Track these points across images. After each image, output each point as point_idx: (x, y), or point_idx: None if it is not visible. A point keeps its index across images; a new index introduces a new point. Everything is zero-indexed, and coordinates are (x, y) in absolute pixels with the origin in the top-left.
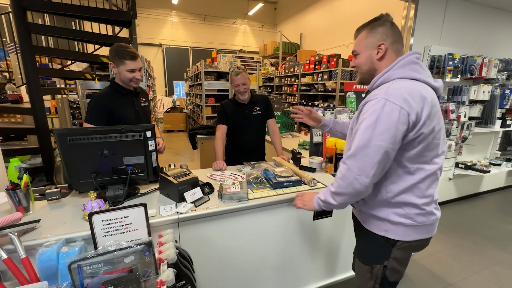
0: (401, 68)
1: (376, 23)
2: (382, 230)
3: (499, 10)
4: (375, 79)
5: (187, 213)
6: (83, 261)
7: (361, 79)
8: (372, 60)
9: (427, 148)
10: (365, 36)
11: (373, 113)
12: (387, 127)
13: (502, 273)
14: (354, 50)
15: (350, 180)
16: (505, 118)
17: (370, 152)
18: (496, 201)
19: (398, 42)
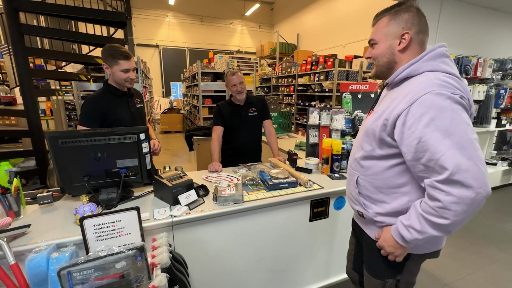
0: (432, 60)
1: (401, 9)
2: None
3: (493, 10)
4: (400, 70)
5: (181, 216)
6: (73, 267)
7: (377, 72)
8: (392, 51)
9: None
10: (387, 23)
11: (440, 108)
12: (465, 117)
13: (499, 272)
14: (371, 39)
15: (471, 199)
16: (500, 118)
17: (471, 149)
18: (492, 200)
19: (424, 32)
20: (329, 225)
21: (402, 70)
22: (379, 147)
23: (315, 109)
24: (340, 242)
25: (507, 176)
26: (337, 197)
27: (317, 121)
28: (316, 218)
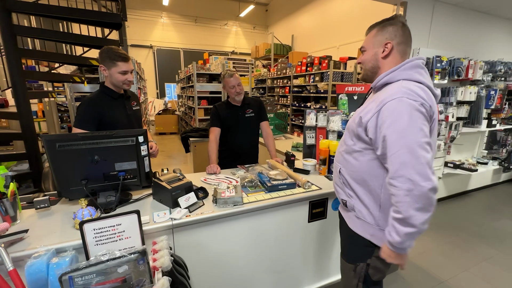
0: (408, 70)
1: (388, 22)
2: (368, 233)
3: (483, 13)
4: (380, 77)
5: (181, 219)
6: (75, 273)
7: (364, 75)
8: (376, 57)
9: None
10: (375, 34)
11: (400, 113)
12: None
13: (491, 269)
14: (362, 47)
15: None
16: (490, 118)
17: (421, 152)
18: (483, 199)
19: (406, 43)
20: (327, 225)
21: (383, 77)
22: (357, 142)
23: (312, 110)
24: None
25: (497, 175)
26: (335, 198)
27: (314, 123)
28: (315, 219)
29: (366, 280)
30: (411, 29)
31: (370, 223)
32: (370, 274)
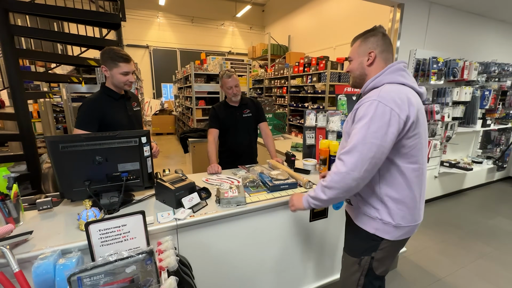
0: (391, 74)
1: (369, 34)
2: (373, 228)
3: (477, 15)
4: (367, 83)
5: (186, 219)
6: (83, 273)
7: (353, 82)
8: (363, 65)
9: (416, 147)
10: (359, 44)
11: (367, 114)
12: (380, 126)
13: (486, 266)
14: (348, 57)
15: (343, 175)
16: (485, 118)
17: (364, 149)
18: (478, 197)
19: (388, 51)
20: (328, 224)
21: (369, 82)
22: None
23: (311, 111)
24: (340, 240)
25: (491, 174)
26: None
27: (314, 123)
28: (316, 218)
29: (369, 274)
30: (408, 30)
31: (374, 218)
32: (374, 267)
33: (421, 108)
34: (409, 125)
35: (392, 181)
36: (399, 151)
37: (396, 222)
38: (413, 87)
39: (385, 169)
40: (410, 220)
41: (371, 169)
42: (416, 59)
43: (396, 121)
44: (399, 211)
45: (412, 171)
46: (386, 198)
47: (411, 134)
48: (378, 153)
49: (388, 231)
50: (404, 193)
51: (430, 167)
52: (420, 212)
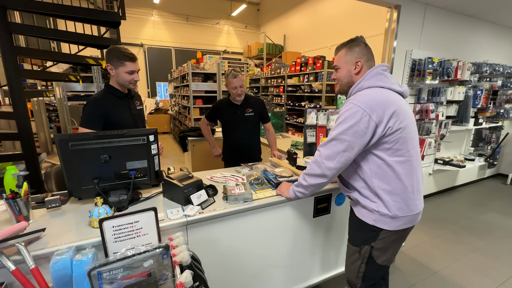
0: (369, 79)
1: (353, 43)
2: (371, 219)
3: (471, 17)
4: (352, 89)
5: (195, 216)
6: (103, 267)
7: (340, 89)
8: (350, 74)
9: (399, 142)
10: (345, 53)
11: (342, 114)
12: (351, 125)
13: (479, 259)
14: (335, 65)
15: (319, 164)
16: (477, 117)
17: (336, 143)
18: (470, 194)
19: (371, 60)
20: (330, 220)
21: (353, 88)
22: None
23: (312, 109)
24: (342, 235)
25: (483, 171)
26: (338, 194)
27: (315, 121)
28: (319, 214)
29: (369, 262)
30: (404, 31)
31: (372, 211)
32: (374, 256)
33: (403, 105)
34: (384, 123)
35: (382, 174)
36: (382, 147)
37: (393, 213)
38: (391, 88)
39: (374, 164)
40: (406, 211)
41: (343, 160)
42: (412, 59)
43: (366, 121)
44: (394, 202)
45: (399, 163)
46: (380, 191)
47: (390, 131)
48: (349, 147)
49: (386, 222)
50: (395, 185)
51: (424, 165)
52: (416, 202)
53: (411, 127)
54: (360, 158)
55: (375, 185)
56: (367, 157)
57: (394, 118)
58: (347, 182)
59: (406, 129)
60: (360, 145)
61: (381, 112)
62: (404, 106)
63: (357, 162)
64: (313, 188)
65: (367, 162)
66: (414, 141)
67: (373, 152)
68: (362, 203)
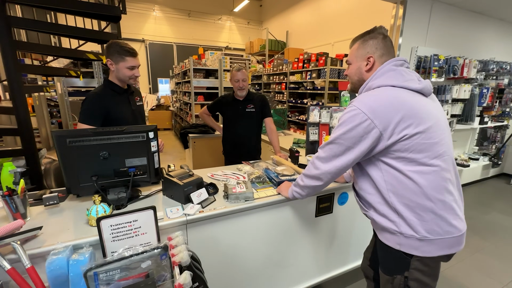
0: (379, 78)
1: (369, 36)
2: (396, 243)
3: (478, 14)
4: (361, 89)
5: (195, 215)
6: (100, 268)
7: (352, 87)
8: (361, 71)
9: (417, 149)
10: (357, 47)
11: (343, 116)
12: (348, 129)
13: (484, 259)
14: (347, 60)
15: (316, 166)
16: (483, 116)
17: (334, 147)
18: (474, 193)
19: (387, 54)
20: (333, 220)
21: (363, 88)
22: None
23: (315, 107)
24: (344, 235)
25: (486, 171)
26: (341, 193)
27: (318, 119)
28: (321, 214)
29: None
30: (410, 27)
31: (394, 232)
32: (411, 287)
33: (421, 105)
34: (390, 129)
35: (400, 187)
36: (394, 155)
37: (421, 235)
38: (404, 86)
39: (389, 175)
40: (439, 232)
41: (339, 165)
42: (417, 56)
43: (366, 125)
44: (420, 221)
45: (420, 174)
46: (400, 207)
47: (402, 137)
48: (346, 152)
49: (414, 246)
50: (418, 200)
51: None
52: (453, 222)
53: (437, 130)
54: (372, 167)
55: (393, 199)
56: (379, 166)
57: (406, 123)
58: (362, 197)
59: (427, 133)
60: (359, 151)
61: (386, 117)
62: (425, 106)
63: (369, 173)
64: (308, 190)
65: (380, 172)
66: (443, 147)
67: (384, 161)
68: (380, 223)
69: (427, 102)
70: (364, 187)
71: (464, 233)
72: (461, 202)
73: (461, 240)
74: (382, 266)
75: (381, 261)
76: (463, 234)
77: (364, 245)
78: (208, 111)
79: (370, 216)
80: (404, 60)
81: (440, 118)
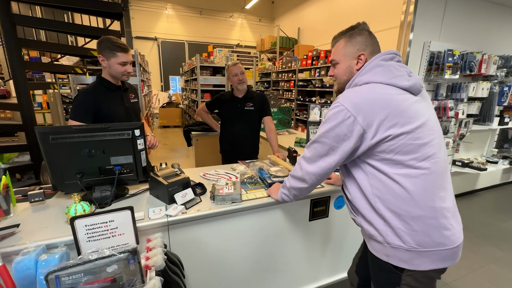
0: (366, 74)
1: (354, 32)
2: (384, 254)
3: (499, 5)
4: (347, 86)
5: (177, 216)
6: (61, 272)
7: (339, 88)
8: (351, 70)
9: (403, 150)
10: (344, 45)
11: (327, 114)
12: (332, 127)
13: (498, 272)
14: (332, 59)
15: (301, 166)
16: (503, 116)
17: (317, 146)
18: (492, 199)
19: (376, 51)
20: (329, 224)
21: (349, 85)
22: None
23: (316, 105)
24: (340, 241)
25: (507, 174)
26: (338, 196)
27: (318, 118)
28: (316, 218)
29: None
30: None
31: (381, 242)
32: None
33: (408, 104)
34: (374, 128)
35: (386, 191)
36: (379, 157)
37: (409, 245)
38: (391, 83)
39: (375, 178)
40: (430, 244)
41: (324, 166)
42: (430, 51)
43: (350, 123)
44: (408, 230)
45: (407, 178)
46: (386, 213)
47: (386, 137)
48: (331, 152)
49: (403, 259)
50: (405, 207)
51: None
52: (445, 232)
53: (426, 130)
54: (357, 170)
55: (379, 205)
56: (364, 168)
57: (391, 122)
58: (350, 200)
59: (414, 133)
60: (344, 151)
61: (370, 114)
62: (413, 104)
63: (355, 175)
64: (294, 192)
65: (365, 175)
66: (432, 148)
67: (369, 163)
68: (368, 231)
69: (416, 100)
70: (351, 190)
71: (459, 245)
72: (455, 210)
73: (455, 253)
74: (373, 280)
75: (371, 273)
76: (458, 246)
77: (355, 252)
78: (206, 109)
79: (359, 222)
80: (395, 53)
81: (430, 117)
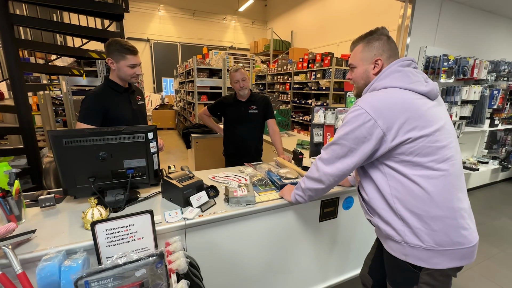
0: (384, 79)
1: (372, 37)
2: (402, 254)
3: (489, 13)
4: (365, 90)
5: (194, 219)
6: (91, 277)
7: (358, 92)
8: (368, 74)
9: (422, 152)
10: (361, 49)
11: (346, 117)
12: (351, 129)
13: (493, 267)
14: (350, 63)
15: (318, 167)
16: (493, 118)
17: (336, 148)
18: (483, 198)
19: (394, 56)
20: (337, 225)
21: (367, 89)
22: None
23: (320, 108)
24: (348, 241)
25: (496, 174)
26: (346, 197)
27: (322, 120)
28: (326, 218)
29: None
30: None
31: (400, 242)
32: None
33: (427, 108)
34: (394, 131)
35: (405, 192)
36: (398, 158)
37: (427, 245)
38: (409, 88)
39: (394, 180)
40: (448, 243)
41: (342, 168)
42: (426, 56)
43: (370, 125)
44: (427, 230)
45: (426, 179)
46: (405, 213)
47: (406, 140)
48: (350, 154)
49: (421, 258)
50: (425, 207)
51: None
52: (463, 232)
53: (444, 133)
54: (375, 171)
55: (397, 205)
56: (382, 170)
57: (411, 125)
58: (367, 201)
59: (433, 136)
60: (363, 153)
61: (390, 117)
62: (431, 109)
63: (372, 177)
64: (310, 193)
65: (384, 176)
66: (450, 151)
67: (388, 165)
68: (385, 231)
69: (433, 104)
70: (368, 191)
71: (476, 244)
72: (471, 211)
73: (472, 251)
74: (389, 279)
75: (388, 273)
76: (475, 245)
77: (364, 253)
78: (208, 112)
79: (375, 223)
80: (412, 60)
81: (447, 122)
